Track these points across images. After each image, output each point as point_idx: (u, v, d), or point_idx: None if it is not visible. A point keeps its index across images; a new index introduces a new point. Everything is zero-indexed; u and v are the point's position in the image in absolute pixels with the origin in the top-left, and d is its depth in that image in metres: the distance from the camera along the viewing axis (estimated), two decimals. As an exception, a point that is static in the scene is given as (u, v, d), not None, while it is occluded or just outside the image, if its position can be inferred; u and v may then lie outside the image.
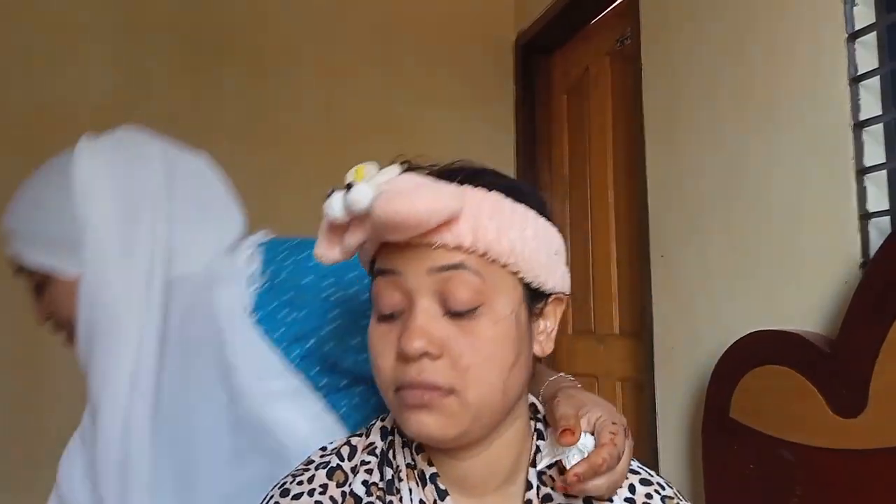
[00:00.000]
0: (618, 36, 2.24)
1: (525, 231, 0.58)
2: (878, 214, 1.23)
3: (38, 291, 0.88)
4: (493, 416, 0.59)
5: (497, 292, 0.57)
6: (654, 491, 0.62)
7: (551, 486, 0.61)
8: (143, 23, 2.38)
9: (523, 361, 0.59)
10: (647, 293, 1.83)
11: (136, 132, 0.91)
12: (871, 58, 1.27)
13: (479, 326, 0.56)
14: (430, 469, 0.62)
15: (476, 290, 0.56)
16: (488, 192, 0.58)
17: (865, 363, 1.10)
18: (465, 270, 0.56)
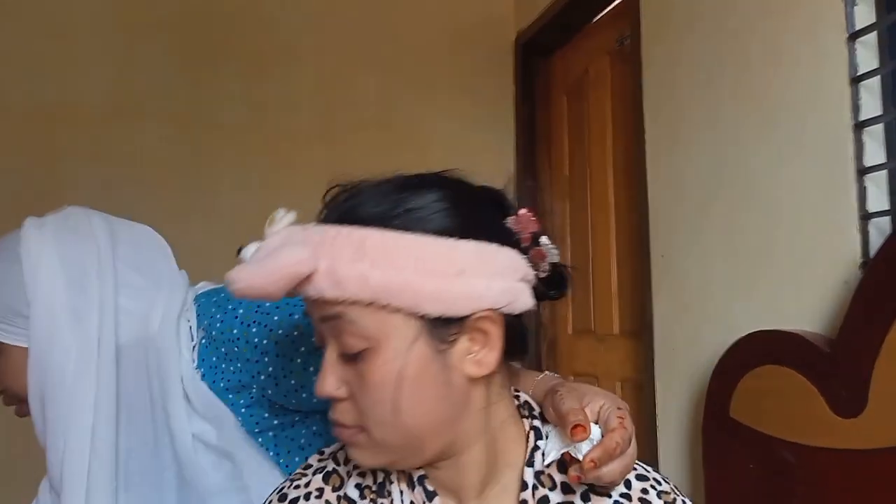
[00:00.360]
0: (618, 36, 2.24)
1: (400, 263, 0.55)
2: (879, 214, 1.23)
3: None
4: (414, 449, 0.59)
5: (384, 333, 0.56)
6: (650, 486, 0.62)
7: (549, 486, 0.61)
8: (142, 24, 2.38)
9: (436, 394, 0.57)
10: (648, 293, 1.83)
11: (80, 209, 0.93)
12: (872, 58, 1.27)
13: (368, 370, 0.56)
14: (418, 472, 0.62)
15: (359, 336, 0.56)
16: (362, 228, 0.56)
17: (865, 363, 1.10)
18: (343, 320, 0.56)
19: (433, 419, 0.58)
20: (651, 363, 1.81)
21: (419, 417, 0.57)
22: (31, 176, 2.24)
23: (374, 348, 0.56)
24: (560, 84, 2.64)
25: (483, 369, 0.59)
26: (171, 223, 2.25)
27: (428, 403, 0.57)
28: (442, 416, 0.58)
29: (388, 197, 0.57)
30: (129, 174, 2.30)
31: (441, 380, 0.57)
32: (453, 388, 0.58)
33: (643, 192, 1.87)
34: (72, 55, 2.31)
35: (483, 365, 0.59)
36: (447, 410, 0.58)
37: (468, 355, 0.58)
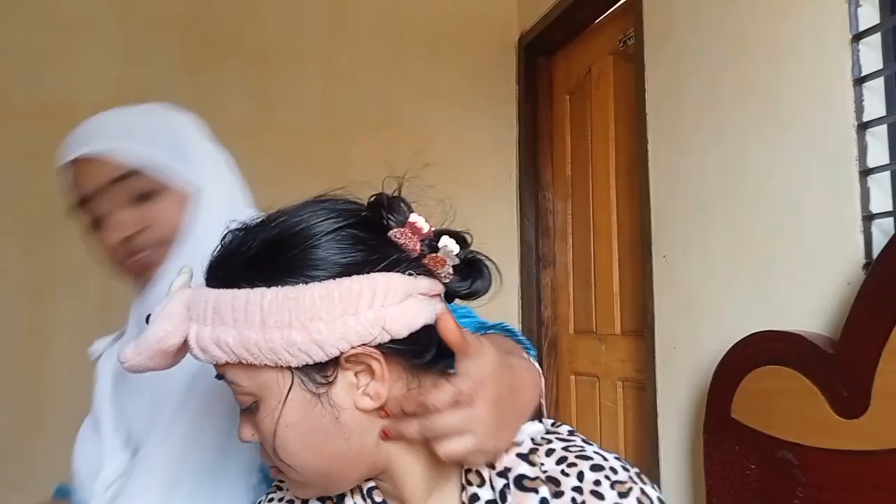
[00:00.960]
0: (620, 36, 2.24)
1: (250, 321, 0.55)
2: (882, 215, 1.23)
3: (140, 200, 0.84)
4: (336, 480, 0.61)
5: (262, 387, 0.58)
6: (604, 477, 0.58)
7: (477, 483, 0.61)
8: (145, 21, 2.38)
9: (327, 432, 0.57)
10: (649, 293, 1.83)
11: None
12: (876, 59, 1.27)
13: (258, 421, 0.59)
14: (367, 484, 0.64)
15: (243, 393, 0.59)
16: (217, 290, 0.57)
17: (868, 364, 1.10)
18: (227, 379, 0.59)
19: (330, 457, 0.59)
20: (652, 363, 1.81)
21: (313, 458, 0.58)
22: (32, 174, 2.25)
23: (259, 401, 0.58)
24: (563, 84, 2.64)
25: (377, 401, 0.58)
26: (173, 221, 2.28)
27: (319, 445, 0.58)
28: (339, 452, 0.58)
29: (245, 253, 0.58)
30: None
31: (327, 420, 0.57)
32: (346, 426, 0.58)
33: (645, 192, 1.87)
34: (74, 52, 2.31)
35: (376, 396, 0.58)
36: (344, 445, 0.58)
37: (357, 389, 0.58)
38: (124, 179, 0.82)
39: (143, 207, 0.84)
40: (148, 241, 0.84)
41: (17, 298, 2.21)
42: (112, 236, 0.83)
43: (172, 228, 0.84)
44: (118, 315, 2.51)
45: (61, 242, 2.25)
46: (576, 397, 2.44)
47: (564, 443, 0.61)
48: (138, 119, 0.89)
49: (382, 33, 2.63)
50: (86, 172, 0.83)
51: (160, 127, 0.89)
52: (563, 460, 0.59)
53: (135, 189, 0.83)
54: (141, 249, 0.84)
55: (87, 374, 2.36)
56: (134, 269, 0.86)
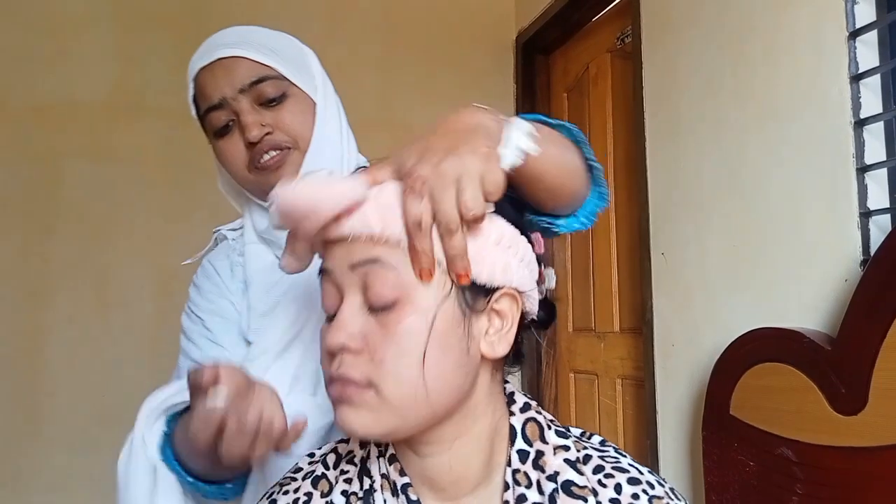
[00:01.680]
0: (618, 34, 2.24)
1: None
2: (879, 212, 1.23)
3: (270, 104, 0.87)
4: (420, 413, 0.57)
5: (418, 285, 0.55)
6: (641, 491, 0.59)
7: (525, 484, 0.60)
8: (141, 21, 2.38)
9: (456, 359, 0.56)
10: (648, 291, 1.84)
11: None
12: (872, 56, 1.28)
13: (396, 319, 0.55)
14: (402, 479, 0.61)
15: (393, 284, 0.54)
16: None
17: (866, 361, 1.10)
18: (381, 265, 0.54)
19: (449, 383, 0.57)
20: (651, 360, 1.82)
21: (437, 376, 0.55)
22: (30, 174, 2.25)
23: (403, 299, 0.54)
24: (560, 82, 2.64)
25: (499, 349, 0.58)
26: (170, 221, 2.28)
27: (448, 363, 0.56)
28: (456, 383, 0.57)
29: None
30: (128, 172, 2.31)
31: (462, 345, 0.56)
32: (470, 359, 0.57)
33: (643, 190, 1.87)
34: (70, 53, 2.31)
35: (495, 348, 0.58)
36: (461, 378, 0.57)
37: (485, 334, 0.58)
38: (260, 83, 0.86)
39: (273, 111, 0.87)
40: (278, 142, 0.87)
41: (14, 299, 2.21)
42: (251, 132, 0.85)
43: (298, 134, 0.88)
44: (116, 316, 2.51)
45: (58, 243, 2.25)
46: (575, 395, 2.45)
47: (600, 452, 0.62)
48: (272, 35, 0.93)
49: (379, 32, 2.62)
50: (223, 75, 0.86)
51: (290, 44, 0.93)
52: (601, 469, 0.60)
53: (266, 93, 0.86)
54: (272, 149, 0.87)
55: (84, 373, 2.37)
56: (259, 173, 0.87)
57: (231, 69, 0.86)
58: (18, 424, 2.18)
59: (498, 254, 0.57)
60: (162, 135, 2.33)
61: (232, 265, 0.94)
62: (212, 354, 0.86)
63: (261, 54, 0.87)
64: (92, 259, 2.26)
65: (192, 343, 0.90)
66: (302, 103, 0.89)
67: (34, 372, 2.20)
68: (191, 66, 0.89)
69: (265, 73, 0.86)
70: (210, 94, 0.86)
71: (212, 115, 0.87)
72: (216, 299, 0.92)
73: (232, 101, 0.85)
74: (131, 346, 2.22)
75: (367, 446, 0.65)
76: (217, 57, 0.86)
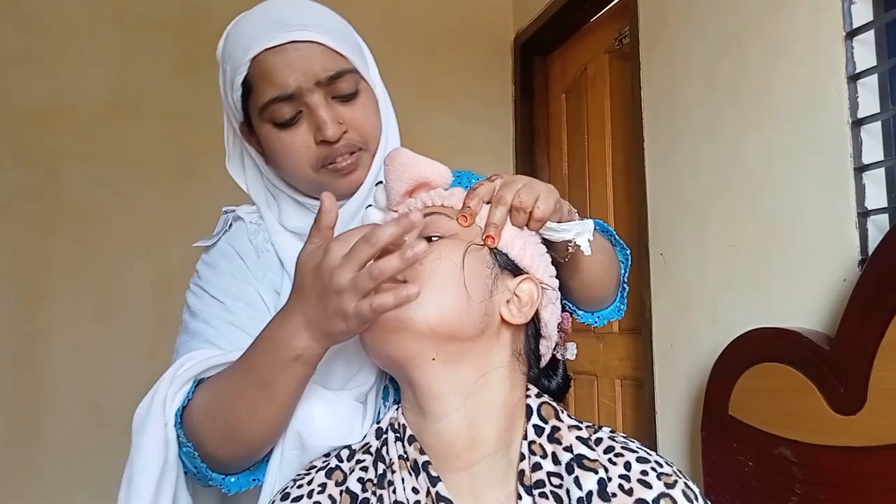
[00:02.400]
0: (615, 35, 2.24)
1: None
2: (877, 212, 1.23)
3: (345, 99, 0.80)
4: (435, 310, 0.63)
5: (462, 232, 0.68)
6: (650, 468, 0.62)
7: (540, 454, 0.63)
8: (139, 24, 2.38)
9: (478, 287, 0.65)
10: (647, 291, 1.84)
11: None
12: (869, 56, 1.28)
13: (440, 241, 0.67)
14: (423, 457, 0.64)
15: (444, 226, 0.68)
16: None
17: (864, 360, 1.10)
18: (440, 216, 0.70)
19: (465, 299, 0.64)
20: (650, 361, 1.82)
21: (458, 284, 0.64)
22: (29, 176, 2.24)
23: (449, 236, 0.68)
24: (559, 83, 2.65)
25: (512, 317, 0.66)
26: (170, 223, 2.28)
27: (471, 284, 0.64)
28: (472, 307, 0.64)
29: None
30: (127, 173, 2.31)
31: (486, 286, 0.66)
32: (490, 304, 0.66)
33: (642, 191, 1.87)
34: (69, 55, 2.31)
35: (514, 315, 0.66)
36: (475, 309, 0.64)
37: (508, 301, 0.67)
38: (339, 77, 0.78)
39: (347, 107, 0.80)
40: (353, 143, 0.81)
41: (13, 301, 2.21)
42: (329, 131, 0.77)
43: (370, 134, 0.83)
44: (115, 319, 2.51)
45: (57, 246, 2.25)
46: (574, 396, 2.44)
47: (610, 436, 0.66)
48: (335, 16, 0.83)
49: (378, 33, 2.60)
50: (298, 62, 0.76)
51: (349, 28, 0.85)
52: (611, 449, 0.64)
53: (342, 89, 0.79)
54: (347, 151, 0.80)
55: (83, 376, 2.36)
56: (328, 174, 0.81)
57: (307, 57, 0.76)
58: (17, 427, 2.17)
59: (535, 251, 0.69)
60: (161, 137, 2.33)
61: (258, 250, 0.86)
62: (234, 340, 0.78)
63: (336, 41, 0.78)
64: (91, 262, 2.26)
65: (206, 324, 0.81)
66: (371, 100, 0.84)
67: (33, 374, 2.20)
68: (244, 42, 0.78)
69: (343, 66, 0.78)
70: (281, 82, 0.76)
71: (278, 105, 0.77)
72: (240, 284, 0.84)
73: (307, 92, 0.77)
74: (130, 349, 2.22)
75: (382, 436, 0.68)
76: (290, 39, 0.76)
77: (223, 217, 0.90)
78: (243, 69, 0.78)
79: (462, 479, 0.64)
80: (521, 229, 0.69)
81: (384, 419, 0.70)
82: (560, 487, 0.61)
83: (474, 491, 0.64)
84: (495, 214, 0.67)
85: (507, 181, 0.69)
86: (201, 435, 0.71)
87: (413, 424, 0.66)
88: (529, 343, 0.70)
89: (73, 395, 2.21)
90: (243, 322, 0.80)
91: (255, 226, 0.88)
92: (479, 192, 0.68)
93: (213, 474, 0.73)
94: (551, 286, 0.71)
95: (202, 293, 0.84)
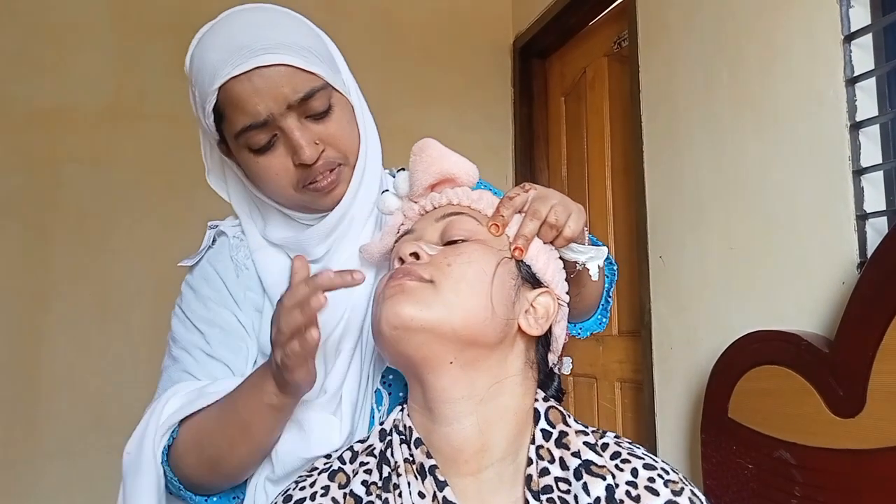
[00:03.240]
0: (614, 38, 2.25)
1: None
2: (875, 215, 1.24)
3: (318, 116, 0.78)
4: (459, 320, 0.63)
5: (489, 236, 0.69)
6: (657, 475, 0.62)
7: (548, 459, 0.63)
8: (140, 27, 2.38)
9: (502, 297, 0.65)
10: (646, 294, 1.84)
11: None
12: (868, 59, 1.28)
13: (467, 245, 0.68)
14: (430, 461, 0.63)
15: (470, 228, 0.69)
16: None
17: (863, 363, 1.10)
18: (465, 217, 0.71)
19: (490, 309, 0.64)
20: (649, 364, 1.82)
21: (484, 293, 0.64)
22: (29, 179, 2.25)
23: (474, 239, 0.68)
24: (558, 86, 2.65)
25: (530, 328, 0.67)
26: (169, 227, 2.28)
27: (496, 292, 0.65)
28: (496, 318, 0.64)
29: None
30: (127, 177, 2.31)
31: (509, 296, 0.66)
32: (511, 313, 0.66)
33: (641, 193, 1.87)
34: (70, 59, 2.31)
35: (532, 326, 0.67)
36: (498, 321, 0.65)
37: (526, 312, 0.68)
38: (309, 98, 0.76)
39: (321, 124, 0.78)
40: (332, 160, 0.80)
41: (13, 304, 2.21)
42: (305, 154, 0.76)
43: (348, 148, 0.82)
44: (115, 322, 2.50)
45: (57, 248, 2.25)
46: (573, 398, 2.44)
47: (615, 442, 0.66)
48: (298, 28, 0.81)
49: (377, 36, 2.63)
50: (266, 88, 0.74)
51: (316, 37, 0.83)
52: (617, 455, 0.64)
53: (314, 108, 0.77)
54: (326, 169, 0.80)
55: (82, 379, 2.36)
56: (309, 193, 0.80)
57: (276, 81, 0.74)
58: (16, 429, 2.17)
59: (556, 267, 0.71)
60: (161, 141, 2.33)
61: (237, 268, 0.86)
62: (210, 371, 0.82)
63: (302, 59, 0.76)
64: (91, 265, 2.26)
65: (188, 354, 0.83)
66: (345, 111, 0.82)
67: (32, 377, 2.20)
68: (209, 69, 0.76)
69: (313, 84, 0.76)
70: (252, 110, 0.75)
71: (252, 132, 0.76)
72: (215, 308, 0.85)
73: (279, 117, 0.75)
74: (130, 352, 2.22)
75: (387, 438, 0.67)
76: (255, 65, 0.74)
77: (207, 233, 0.91)
78: (212, 97, 0.77)
79: (469, 485, 0.63)
80: (544, 243, 0.71)
81: (387, 420, 0.69)
82: (568, 493, 0.61)
83: (481, 496, 0.63)
84: (527, 227, 0.69)
85: (541, 194, 0.70)
86: (187, 469, 0.76)
87: (420, 427, 0.66)
88: (539, 353, 0.71)
89: (74, 397, 2.21)
90: (218, 351, 0.84)
91: (237, 240, 0.89)
92: (516, 203, 0.70)
93: (196, 497, 0.78)
94: (565, 302, 0.72)
95: (184, 319, 0.86)
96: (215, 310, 0.85)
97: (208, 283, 0.86)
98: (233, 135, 0.78)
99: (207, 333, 0.84)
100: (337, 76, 0.82)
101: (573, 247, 0.72)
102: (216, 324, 0.84)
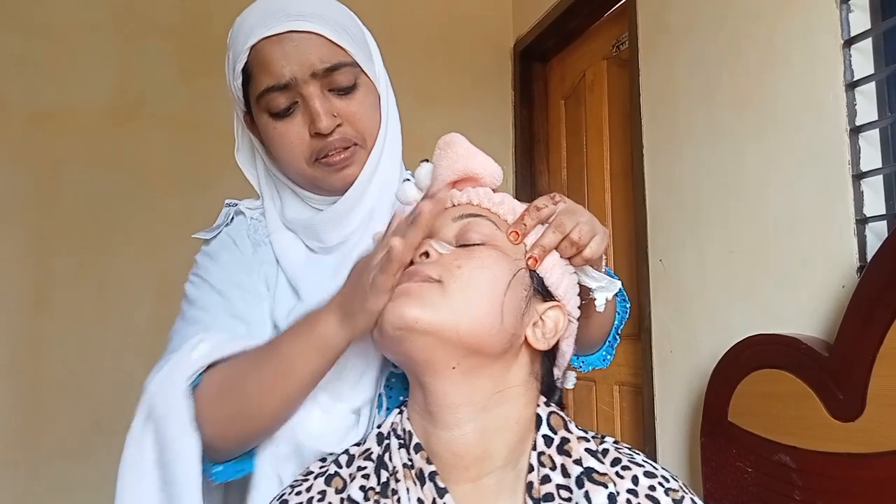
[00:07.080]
0: (614, 41, 2.25)
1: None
2: (875, 219, 1.24)
3: (342, 92, 0.79)
4: (465, 325, 0.61)
5: (505, 242, 0.67)
6: (657, 483, 0.62)
7: (549, 466, 0.62)
8: (142, 28, 2.39)
9: (512, 307, 0.64)
10: (645, 297, 1.84)
11: None
12: (867, 63, 1.28)
13: (481, 249, 0.66)
14: (430, 467, 0.62)
15: (487, 232, 0.67)
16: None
17: (863, 367, 1.10)
18: (483, 219, 0.69)
19: (499, 316, 0.63)
20: (649, 367, 1.82)
21: (494, 299, 0.63)
22: (30, 180, 2.25)
23: (491, 243, 0.66)
24: (558, 89, 2.65)
25: (536, 339, 0.65)
26: (170, 226, 2.28)
27: (507, 300, 0.63)
28: (504, 325, 0.63)
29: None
30: (128, 178, 2.31)
31: (520, 306, 0.64)
32: (519, 325, 0.64)
33: (641, 196, 1.88)
34: (71, 60, 2.31)
35: (539, 339, 0.65)
36: (507, 330, 0.63)
37: (534, 324, 0.66)
38: (335, 70, 0.77)
39: (343, 101, 0.79)
40: (348, 137, 0.80)
41: (14, 305, 2.21)
42: (322, 123, 0.76)
43: (367, 130, 0.82)
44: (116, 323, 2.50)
45: (57, 250, 2.25)
46: (573, 401, 2.44)
47: (616, 448, 0.66)
48: (338, 7, 0.82)
49: (378, 39, 2.61)
50: (295, 52, 0.76)
51: (354, 21, 0.84)
52: (618, 462, 0.63)
53: (339, 82, 0.78)
54: (341, 145, 0.80)
55: (82, 380, 2.36)
56: (321, 168, 0.80)
57: (304, 47, 0.76)
58: (17, 431, 2.17)
59: (570, 282, 0.69)
60: (162, 142, 2.33)
61: (255, 244, 0.86)
62: (231, 329, 0.79)
63: (335, 33, 0.77)
64: (91, 266, 2.26)
65: (204, 311, 0.80)
66: (371, 95, 0.82)
67: (33, 378, 2.20)
68: (245, 30, 0.78)
69: (341, 58, 0.77)
70: (277, 71, 0.76)
71: (274, 94, 0.77)
72: (239, 274, 0.83)
73: (302, 83, 0.76)
74: (130, 354, 2.21)
75: (384, 442, 0.66)
76: (288, 29, 0.75)
77: (225, 210, 0.91)
78: (243, 56, 0.78)
79: (469, 492, 0.63)
80: (560, 258, 0.68)
81: (385, 424, 0.68)
82: (569, 501, 0.60)
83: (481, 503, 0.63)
84: (547, 237, 0.67)
85: (570, 208, 0.68)
86: (204, 417, 0.71)
87: (420, 430, 0.65)
88: (544, 366, 0.70)
89: (74, 399, 2.21)
90: (240, 311, 0.81)
91: (255, 221, 0.88)
92: (542, 215, 0.68)
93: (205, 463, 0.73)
94: (575, 318, 0.70)
95: (201, 283, 0.83)
96: (238, 275, 0.83)
97: (228, 251, 0.86)
98: (256, 96, 0.79)
99: (228, 294, 0.82)
100: (369, 62, 0.83)
101: (588, 270, 0.69)
102: (239, 286, 0.83)
